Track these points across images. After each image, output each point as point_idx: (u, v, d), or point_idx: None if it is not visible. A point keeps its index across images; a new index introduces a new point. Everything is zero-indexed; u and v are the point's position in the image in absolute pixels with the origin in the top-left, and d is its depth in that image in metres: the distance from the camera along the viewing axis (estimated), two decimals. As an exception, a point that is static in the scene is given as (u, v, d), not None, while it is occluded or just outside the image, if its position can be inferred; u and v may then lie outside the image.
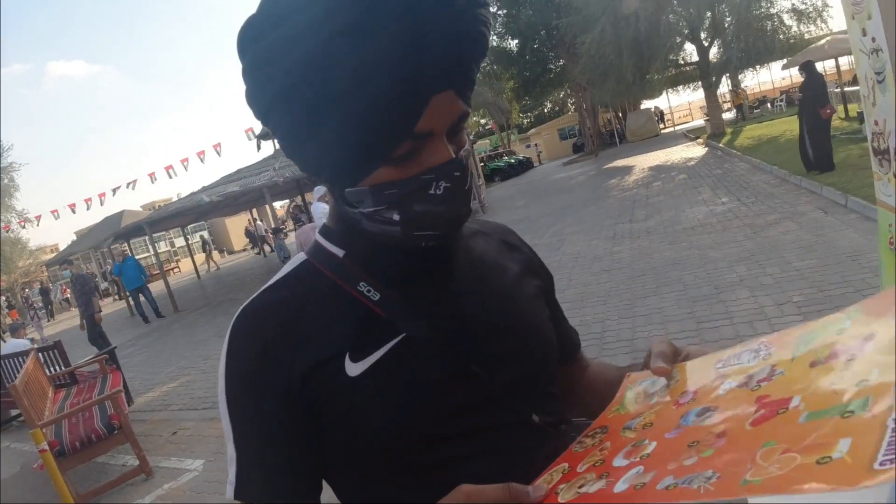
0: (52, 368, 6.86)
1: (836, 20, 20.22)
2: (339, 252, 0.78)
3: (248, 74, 0.68)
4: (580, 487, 0.57)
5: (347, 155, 0.67)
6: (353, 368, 0.70)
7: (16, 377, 4.81)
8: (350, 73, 0.61)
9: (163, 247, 43.04)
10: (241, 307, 0.76)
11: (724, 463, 0.49)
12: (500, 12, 32.74)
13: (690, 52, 23.49)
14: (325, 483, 0.79)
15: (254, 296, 0.77)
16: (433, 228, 0.70)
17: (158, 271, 21.16)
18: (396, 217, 0.69)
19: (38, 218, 23.73)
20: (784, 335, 0.61)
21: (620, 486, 0.54)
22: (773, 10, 19.56)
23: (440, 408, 0.72)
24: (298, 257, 0.82)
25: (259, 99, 0.69)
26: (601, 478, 0.57)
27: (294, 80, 0.63)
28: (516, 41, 33.66)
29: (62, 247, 43.80)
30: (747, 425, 0.52)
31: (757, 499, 0.45)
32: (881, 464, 0.38)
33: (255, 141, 19.32)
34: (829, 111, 8.98)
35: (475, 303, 0.79)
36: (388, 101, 0.62)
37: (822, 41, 17.58)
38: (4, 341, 10.44)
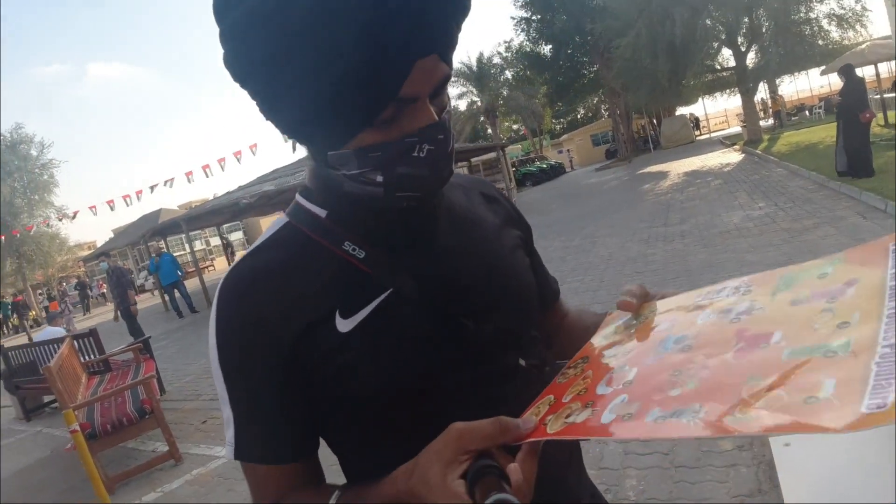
0: (86, 356, 7.02)
1: (876, 25, 19.73)
2: (322, 213, 0.78)
3: (226, 39, 0.67)
4: (567, 417, 0.59)
5: (332, 119, 0.66)
6: (344, 325, 0.71)
7: (51, 362, 4.91)
8: (335, 39, 0.60)
9: (198, 245, 43.89)
10: (226, 273, 0.76)
11: (710, 396, 0.50)
12: (534, 17, 32.69)
13: (727, 57, 23.10)
14: (323, 442, 0.80)
15: (237, 261, 0.77)
16: (415, 190, 0.70)
17: (194, 268, 21.55)
18: (380, 178, 0.69)
19: (76, 213, 24.33)
20: (765, 275, 0.62)
21: (607, 416, 0.55)
22: (811, 15, 19.11)
23: (431, 359, 0.73)
24: (280, 220, 0.82)
25: (239, 64, 0.68)
26: (587, 406, 0.58)
27: (277, 48, 0.62)
28: (550, 46, 33.53)
29: (99, 243, 45.04)
30: (729, 357, 0.53)
31: (747, 436, 0.47)
32: (867, 407, 0.39)
33: (290, 142, 19.59)
34: (868, 115, 8.72)
35: (458, 256, 0.79)
36: (373, 66, 0.61)
37: (862, 46, 17.14)
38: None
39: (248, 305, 0.72)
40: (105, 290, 33.45)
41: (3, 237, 28.41)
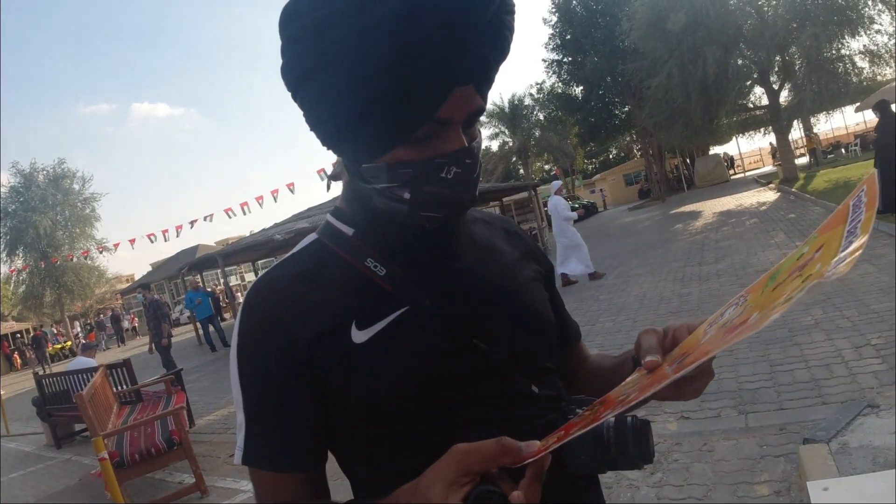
0: (119, 386, 7.12)
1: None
2: (349, 230, 0.81)
3: (284, 51, 0.72)
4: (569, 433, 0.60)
5: (372, 132, 0.70)
6: (359, 336, 0.73)
7: (83, 390, 4.99)
8: (382, 56, 0.64)
9: (233, 280, 44.63)
10: (254, 282, 0.80)
11: (693, 358, 0.59)
12: (565, 59, 33.09)
13: (760, 95, 22.96)
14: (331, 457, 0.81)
15: (265, 271, 0.81)
16: (438, 210, 0.73)
17: (228, 303, 21.84)
18: (407, 195, 0.72)
19: (117, 246, 24.99)
20: (757, 281, 0.64)
21: (606, 415, 0.59)
22: (844, 52, 18.96)
23: (442, 376, 0.74)
24: (310, 237, 0.85)
25: (292, 72, 0.72)
26: (589, 426, 0.60)
27: (325, 59, 0.66)
28: (581, 87, 33.82)
29: (137, 276, 46.11)
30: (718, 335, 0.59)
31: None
32: (843, 248, 0.49)
33: (325, 181, 19.95)
34: None
35: (476, 280, 0.82)
36: (414, 85, 0.65)
37: (896, 82, 16.86)
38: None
39: (267, 310, 0.75)
40: (136, 324, 34.05)
41: (43, 265, 29.16)
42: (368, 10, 0.63)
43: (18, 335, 32.68)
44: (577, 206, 34.02)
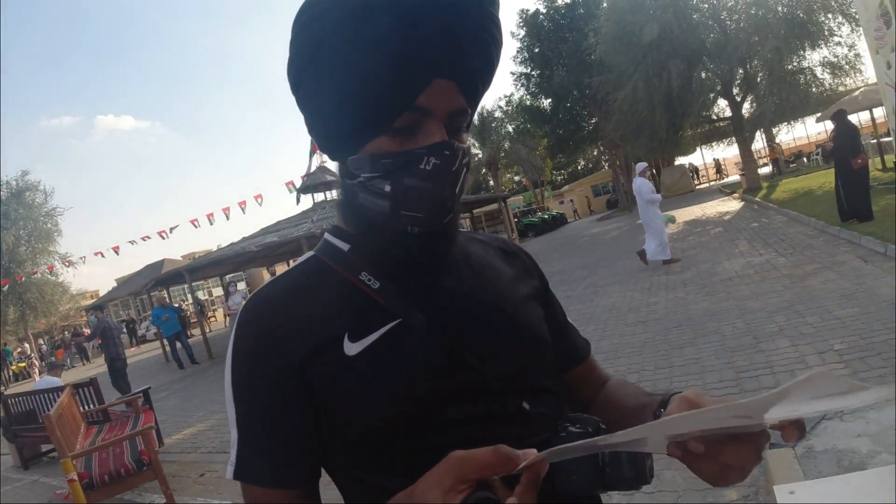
0: (86, 405, 6.95)
1: (870, 70, 20.13)
2: (345, 246, 0.83)
3: (290, 46, 0.76)
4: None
5: (353, 119, 0.73)
6: (351, 348, 0.74)
7: (51, 410, 4.87)
8: (365, 44, 0.68)
9: (201, 295, 43.77)
10: (249, 297, 0.80)
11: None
12: (533, 73, 33.52)
13: (723, 107, 23.52)
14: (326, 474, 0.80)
15: (261, 286, 0.82)
16: (419, 208, 0.74)
17: (196, 319, 21.43)
18: (387, 188, 0.74)
19: (84, 258, 24.23)
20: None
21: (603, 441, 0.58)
22: (805, 64, 19.58)
23: (434, 392, 0.74)
24: (307, 254, 0.87)
25: (294, 66, 0.77)
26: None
27: (316, 48, 0.72)
28: (549, 100, 34.26)
29: (102, 292, 44.94)
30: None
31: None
32: None
33: (294, 194, 19.75)
34: (860, 161, 8.83)
35: (470, 297, 0.83)
36: (393, 72, 0.69)
37: (856, 93, 17.44)
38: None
39: (262, 324, 0.76)
40: (100, 342, 33.12)
41: (6, 283, 28.29)
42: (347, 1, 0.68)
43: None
44: (545, 217, 34.49)
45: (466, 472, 0.58)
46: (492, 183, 42.63)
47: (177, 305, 18.70)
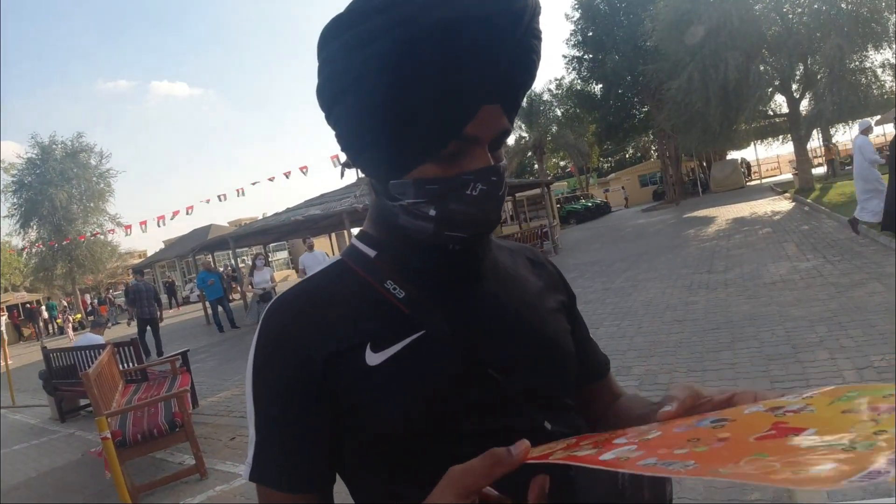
0: (125, 364, 7.21)
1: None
2: (372, 252, 0.83)
3: (321, 69, 0.74)
4: (573, 451, 0.58)
5: (402, 147, 0.71)
6: (374, 358, 0.73)
7: (90, 368, 5.07)
8: (413, 75, 0.66)
9: (242, 263, 44.77)
10: (273, 299, 0.80)
11: (710, 459, 0.49)
12: (586, 57, 32.87)
13: (780, 103, 22.71)
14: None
15: (287, 288, 0.81)
16: (463, 229, 0.74)
17: (236, 286, 21.98)
18: (432, 213, 0.73)
19: (129, 228, 25.00)
20: (833, 389, 0.59)
21: (607, 456, 0.55)
22: (867, 64, 18.75)
23: (454, 404, 0.74)
24: (334, 258, 0.87)
25: (326, 92, 0.75)
26: (595, 447, 0.58)
27: (358, 76, 0.69)
28: (601, 86, 33.59)
29: (150, 252, 46.41)
30: (751, 438, 0.51)
31: (722, 479, 0.44)
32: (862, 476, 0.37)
33: (339, 168, 19.96)
34: None
35: (496, 308, 0.81)
36: (443, 103, 0.68)
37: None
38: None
39: (284, 326, 0.76)
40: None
41: (67, 240, 29.42)
42: (407, 24, 0.65)
43: (29, 305, 33.12)
44: (589, 205, 34.00)
45: (467, 485, 0.57)
46: (536, 167, 42.19)
47: (220, 270, 19.20)
